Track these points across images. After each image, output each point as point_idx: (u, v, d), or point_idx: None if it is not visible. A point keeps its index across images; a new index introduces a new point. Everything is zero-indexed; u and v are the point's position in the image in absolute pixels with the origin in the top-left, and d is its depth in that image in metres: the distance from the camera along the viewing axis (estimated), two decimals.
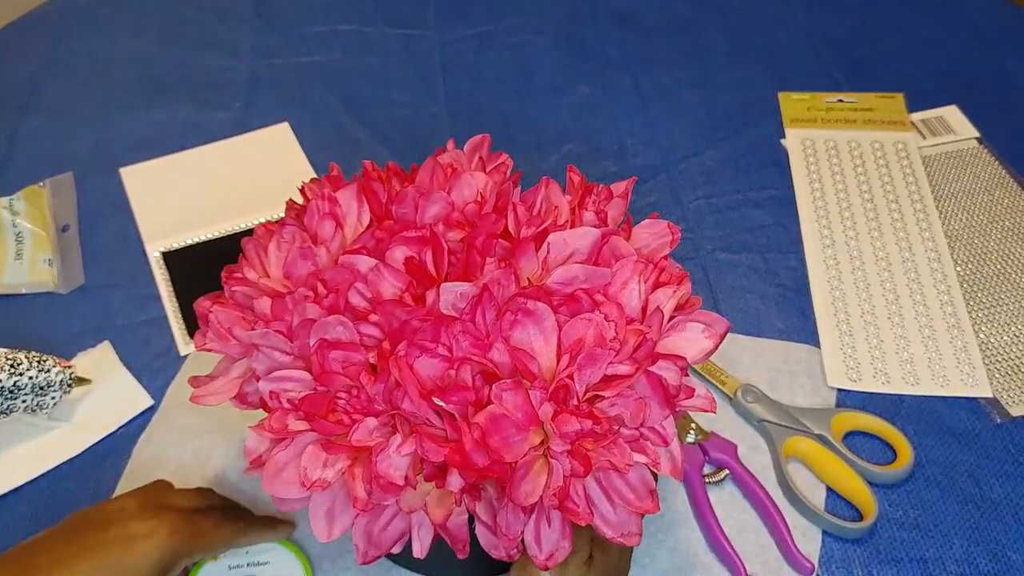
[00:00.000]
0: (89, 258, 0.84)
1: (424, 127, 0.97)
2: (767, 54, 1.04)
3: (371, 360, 0.50)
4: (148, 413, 0.72)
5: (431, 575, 0.63)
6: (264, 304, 0.51)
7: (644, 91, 1.00)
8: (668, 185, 0.90)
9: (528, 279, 0.51)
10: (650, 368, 0.48)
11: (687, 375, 0.50)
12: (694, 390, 0.51)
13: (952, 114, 0.95)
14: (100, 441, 0.71)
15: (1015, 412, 0.71)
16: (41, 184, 0.89)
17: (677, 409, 0.50)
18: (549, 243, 0.52)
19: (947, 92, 0.98)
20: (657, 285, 0.52)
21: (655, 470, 0.49)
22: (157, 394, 0.74)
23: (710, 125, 0.96)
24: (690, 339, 0.52)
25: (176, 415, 0.72)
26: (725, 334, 0.53)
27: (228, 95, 1.01)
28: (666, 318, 0.51)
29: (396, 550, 0.50)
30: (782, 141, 0.94)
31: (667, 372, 0.49)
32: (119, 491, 0.67)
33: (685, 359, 0.50)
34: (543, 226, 0.53)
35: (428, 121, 0.98)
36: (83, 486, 0.69)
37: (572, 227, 0.54)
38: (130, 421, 0.72)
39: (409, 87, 1.02)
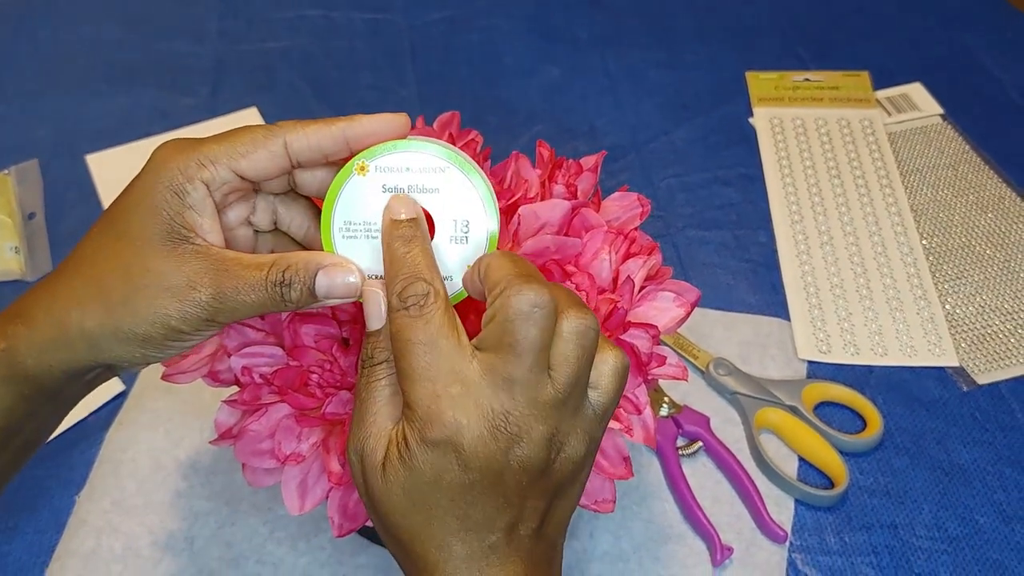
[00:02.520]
0: (56, 245, 0.83)
1: (394, 110, 0.95)
2: (734, 34, 1.04)
3: (344, 334, 0.50)
4: (120, 399, 0.72)
5: None
6: None
7: (613, 72, 1.00)
8: (638, 164, 0.90)
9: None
10: (622, 336, 0.49)
11: (659, 343, 0.51)
12: (666, 358, 0.52)
13: (916, 91, 0.96)
14: (71, 428, 0.70)
15: (981, 380, 0.72)
16: (6, 171, 0.88)
17: (649, 377, 0.50)
18: (520, 215, 0.52)
19: (911, 70, 0.99)
20: (628, 256, 0.53)
21: (628, 437, 0.50)
22: (128, 380, 0.73)
23: (679, 105, 0.97)
24: (661, 308, 0.52)
25: (148, 399, 0.71)
26: (696, 303, 0.53)
27: (195, 81, 1.00)
28: (637, 288, 0.52)
29: (371, 523, 0.50)
30: (750, 120, 0.94)
31: (639, 340, 0.49)
32: (91, 479, 0.67)
33: (657, 327, 0.50)
34: (514, 199, 0.54)
35: (398, 105, 0.97)
36: (54, 473, 0.68)
37: (542, 200, 0.54)
38: (101, 407, 0.71)
39: (378, 71, 1.01)
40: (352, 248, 0.43)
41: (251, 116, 0.96)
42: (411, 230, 0.40)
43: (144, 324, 0.40)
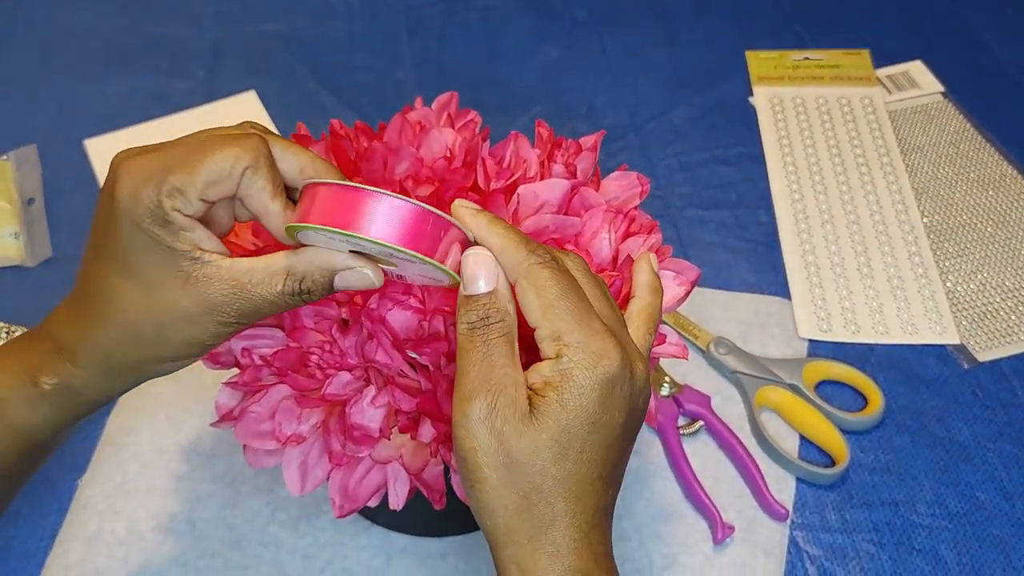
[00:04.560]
0: (56, 231, 0.83)
1: (391, 92, 0.96)
2: (733, 13, 1.04)
3: (343, 315, 0.50)
4: None
5: (408, 532, 0.63)
6: None
7: (611, 51, 1.00)
8: (637, 144, 0.90)
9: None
10: None
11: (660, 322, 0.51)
12: (666, 337, 0.52)
13: (917, 69, 0.96)
14: None
15: (982, 358, 0.72)
16: (4, 157, 0.88)
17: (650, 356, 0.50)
18: (519, 195, 0.52)
19: (912, 48, 0.98)
20: (627, 235, 0.53)
21: None
22: None
23: (678, 84, 0.96)
24: None
25: (148, 383, 0.71)
26: (696, 281, 0.53)
27: (192, 64, 1.00)
28: None
29: (373, 503, 0.50)
30: (750, 99, 0.94)
31: None
32: (94, 462, 0.67)
33: None
34: (513, 179, 0.53)
35: (395, 86, 0.97)
36: (56, 457, 0.67)
37: (541, 180, 0.54)
38: None
39: (375, 52, 1.01)
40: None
41: (249, 99, 0.95)
42: (493, 217, 0.41)
43: (180, 349, 0.43)
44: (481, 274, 0.40)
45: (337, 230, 0.38)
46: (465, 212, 0.40)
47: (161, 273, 0.41)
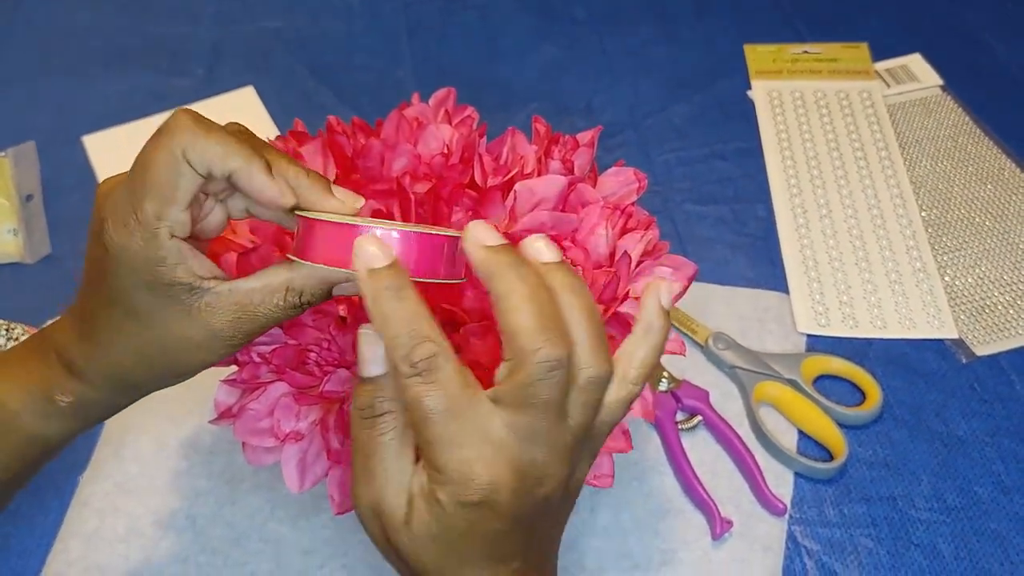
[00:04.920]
0: (55, 227, 0.83)
1: (390, 90, 0.96)
2: (731, 7, 1.04)
3: (341, 312, 0.50)
4: None
5: None
6: (230, 260, 0.51)
7: (610, 49, 1.00)
8: (636, 141, 0.90)
9: (496, 228, 0.51)
10: (618, 309, 0.49)
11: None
12: None
13: (916, 62, 0.96)
14: None
15: (980, 352, 0.72)
16: (3, 154, 0.88)
17: None
18: (516, 192, 0.52)
19: (910, 41, 0.98)
20: (625, 231, 0.53)
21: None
22: None
23: (676, 80, 0.96)
24: None
25: None
26: (693, 277, 0.53)
27: (190, 62, 1.00)
28: (634, 263, 0.52)
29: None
30: (748, 93, 0.94)
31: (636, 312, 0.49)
32: (94, 460, 0.67)
33: None
34: (509, 175, 0.54)
35: (394, 84, 0.97)
36: None
37: (538, 176, 0.54)
38: None
39: (374, 51, 1.01)
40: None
41: (247, 95, 0.95)
42: (396, 278, 0.36)
43: (189, 368, 0.45)
44: (373, 357, 0.38)
45: (335, 269, 0.39)
46: (358, 268, 0.37)
47: (164, 310, 0.42)
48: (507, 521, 0.37)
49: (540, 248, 0.38)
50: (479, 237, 0.37)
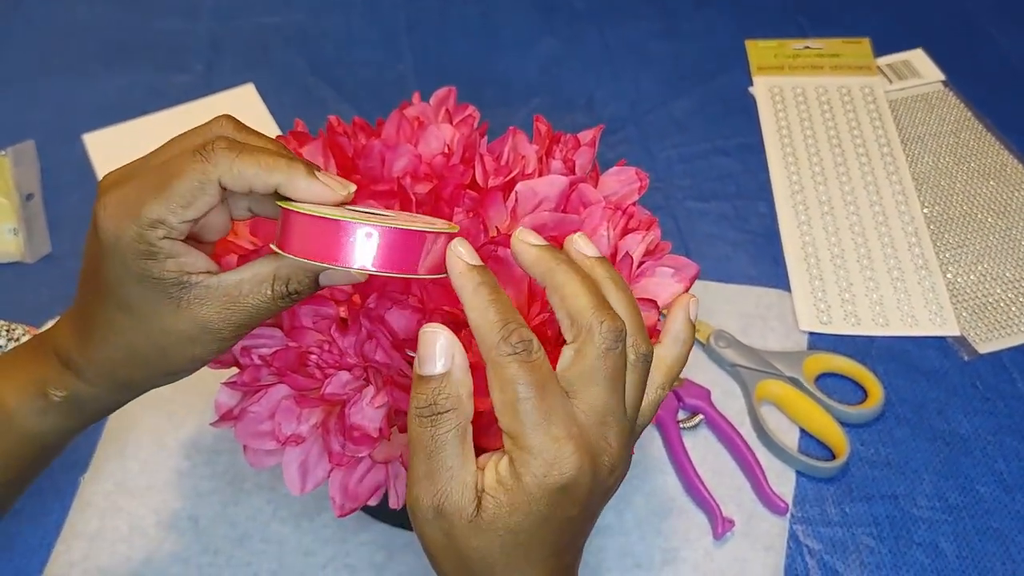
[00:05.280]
0: (55, 226, 0.83)
1: (391, 85, 0.96)
2: (733, 3, 1.03)
3: (341, 314, 0.50)
4: None
5: (411, 528, 0.63)
6: (232, 261, 0.51)
7: (611, 43, 1.00)
8: (637, 136, 0.90)
9: (497, 228, 0.51)
10: None
11: (659, 318, 0.51)
12: None
13: (918, 58, 0.96)
14: None
15: (982, 349, 0.72)
16: (2, 152, 0.88)
17: None
18: (517, 192, 0.51)
19: (912, 36, 0.98)
20: (626, 231, 0.52)
21: None
22: None
23: (678, 75, 0.96)
24: (660, 283, 0.52)
25: None
26: (695, 278, 0.53)
27: (189, 58, 0.99)
28: (636, 264, 0.51)
29: (373, 502, 0.50)
30: (750, 89, 0.94)
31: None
32: (95, 460, 0.67)
33: (655, 302, 0.50)
34: (511, 175, 0.53)
35: (394, 80, 0.97)
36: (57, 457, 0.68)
37: (540, 176, 0.54)
38: None
39: (374, 46, 1.00)
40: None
41: (248, 93, 0.95)
42: (487, 276, 0.38)
43: (183, 365, 0.45)
44: (433, 354, 0.38)
45: (316, 263, 0.39)
46: (456, 264, 0.38)
47: (154, 303, 0.42)
48: (580, 508, 0.38)
49: (582, 245, 0.41)
50: (528, 239, 0.40)
